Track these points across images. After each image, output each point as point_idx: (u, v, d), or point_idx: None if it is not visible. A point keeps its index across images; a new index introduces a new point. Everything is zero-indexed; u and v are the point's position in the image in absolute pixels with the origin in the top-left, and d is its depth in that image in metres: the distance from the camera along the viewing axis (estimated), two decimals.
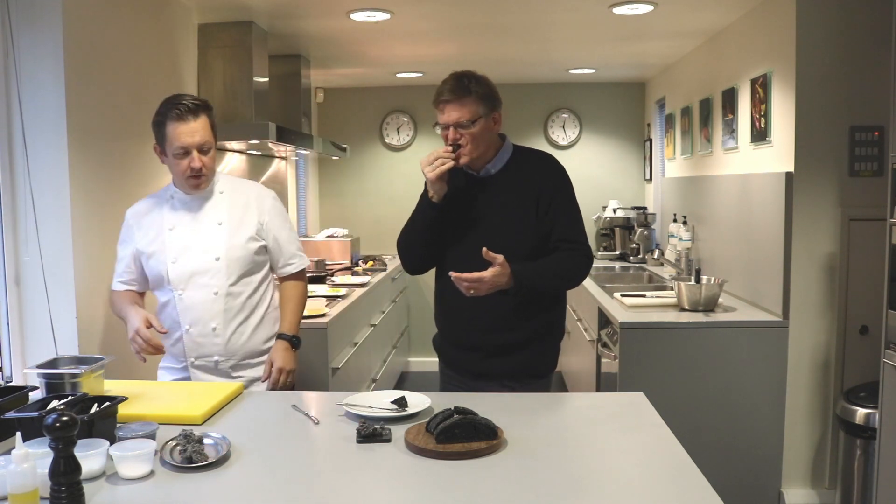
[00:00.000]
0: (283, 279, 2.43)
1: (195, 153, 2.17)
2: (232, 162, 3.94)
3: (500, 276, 2.05)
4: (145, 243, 2.27)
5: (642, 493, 1.46)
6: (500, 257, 2.05)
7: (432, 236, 2.22)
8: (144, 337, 2.08)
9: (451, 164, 2.10)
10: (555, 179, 2.23)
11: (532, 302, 2.18)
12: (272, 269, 2.41)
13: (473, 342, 2.24)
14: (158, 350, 2.12)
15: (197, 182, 2.22)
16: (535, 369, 2.27)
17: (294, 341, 2.34)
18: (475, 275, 2.04)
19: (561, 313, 2.33)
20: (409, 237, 2.28)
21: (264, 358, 2.33)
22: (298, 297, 2.42)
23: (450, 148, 2.12)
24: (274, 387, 2.26)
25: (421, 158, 2.16)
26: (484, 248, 2.04)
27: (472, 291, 2.07)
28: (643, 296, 3.65)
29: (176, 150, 2.17)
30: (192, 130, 2.16)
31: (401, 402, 1.85)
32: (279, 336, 2.34)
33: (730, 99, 3.79)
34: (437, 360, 2.42)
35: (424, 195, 2.21)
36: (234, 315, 2.27)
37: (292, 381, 2.31)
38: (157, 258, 2.25)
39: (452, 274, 2.05)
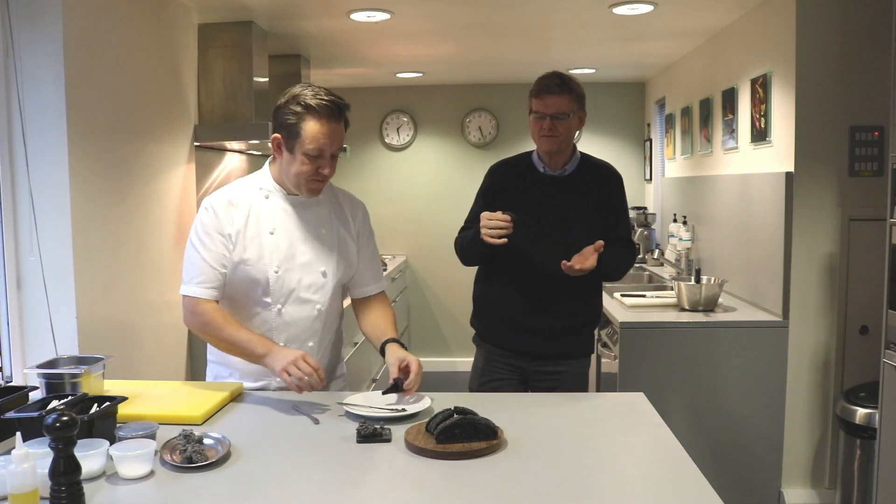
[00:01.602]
0: (362, 299, 2.21)
1: (327, 158, 1.95)
2: (232, 162, 3.94)
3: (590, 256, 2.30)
4: (241, 245, 1.98)
5: (642, 493, 1.46)
6: (601, 242, 2.29)
7: (488, 256, 2.42)
8: (314, 364, 1.83)
9: (505, 239, 2.23)
10: (619, 185, 2.56)
11: (591, 287, 2.48)
12: (347, 288, 2.20)
13: (540, 325, 2.44)
14: (318, 385, 1.84)
15: (318, 187, 2.00)
16: (583, 349, 2.54)
17: (404, 346, 2.10)
18: (590, 266, 2.26)
19: (601, 300, 2.63)
20: (467, 252, 2.47)
21: (339, 375, 2.21)
22: (392, 311, 2.21)
23: (508, 217, 2.23)
24: (410, 390, 1.92)
25: (483, 214, 2.28)
26: (600, 241, 2.28)
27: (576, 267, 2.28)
28: (643, 296, 3.65)
29: (310, 151, 1.91)
30: (334, 133, 1.93)
31: (395, 387, 1.89)
32: (391, 341, 2.05)
33: (730, 99, 3.79)
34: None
35: (478, 233, 2.29)
36: (326, 333, 2.12)
37: None
38: (256, 265, 1.98)
39: (571, 266, 2.26)
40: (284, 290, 2.01)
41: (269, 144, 2.03)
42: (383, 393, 1.92)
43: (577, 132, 2.50)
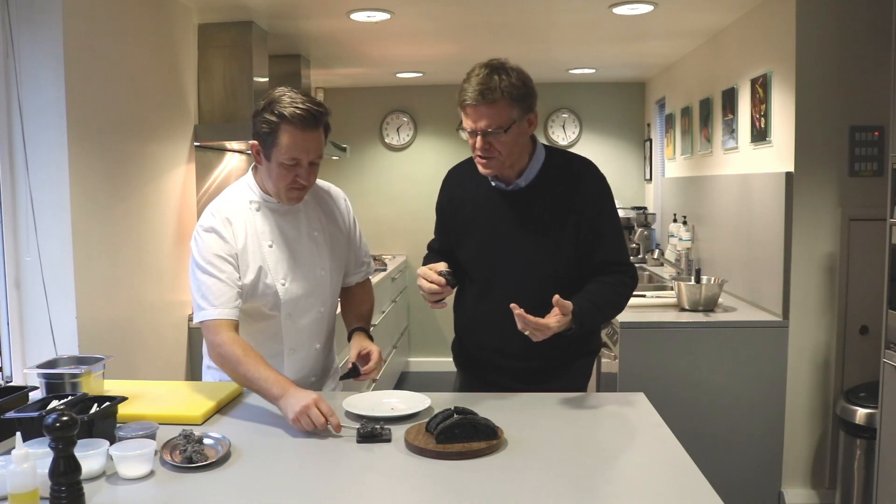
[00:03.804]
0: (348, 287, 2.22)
1: (305, 167, 1.90)
2: (232, 162, 3.94)
3: (564, 323, 1.82)
4: (245, 263, 1.95)
5: (642, 493, 1.46)
6: (567, 305, 1.81)
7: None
8: (326, 412, 1.70)
9: (445, 303, 1.95)
10: (597, 194, 1.99)
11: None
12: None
13: (514, 367, 2.07)
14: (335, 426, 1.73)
15: (299, 195, 1.96)
16: (574, 385, 2.09)
17: (370, 335, 2.13)
18: (541, 322, 1.78)
19: (598, 330, 2.22)
20: None
21: (333, 369, 2.23)
22: (371, 300, 2.22)
23: (442, 280, 1.89)
24: (367, 374, 1.98)
25: (419, 272, 1.97)
26: (556, 297, 1.79)
27: (528, 333, 1.80)
28: (643, 296, 3.65)
29: (285, 161, 1.87)
30: (310, 143, 1.87)
31: (352, 372, 1.94)
32: (359, 329, 2.09)
33: (730, 99, 3.79)
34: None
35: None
36: (328, 332, 2.13)
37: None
38: (264, 280, 1.96)
39: (517, 311, 1.76)
40: (293, 300, 2.01)
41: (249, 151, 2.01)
42: (341, 378, 1.97)
43: (530, 135, 1.96)
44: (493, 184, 2.02)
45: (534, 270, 1.98)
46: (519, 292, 1.91)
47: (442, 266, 1.94)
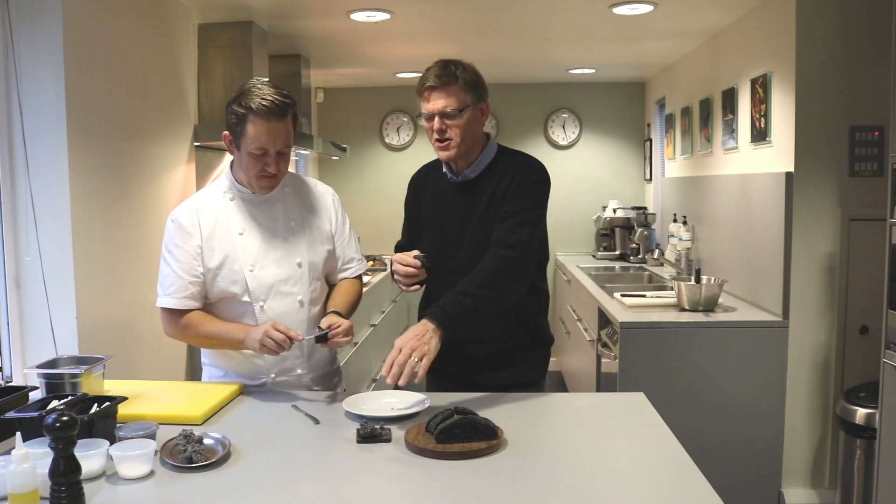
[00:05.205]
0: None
1: (273, 156, 1.97)
2: None
3: (417, 336, 1.81)
4: (211, 250, 2.03)
5: (642, 493, 1.46)
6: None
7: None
8: (283, 329, 1.89)
9: (418, 286, 2.07)
10: (529, 183, 2.08)
11: (526, 306, 2.11)
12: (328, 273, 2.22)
13: (459, 353, 2.08)
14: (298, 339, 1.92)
15: (269, 183, 2.03)
16: (525, 378, 2.16)
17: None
18: (391, 360, 1.78)
19: (544, 321, 2.23)
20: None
21: (334, 368, 2.24)
22: (356, 292, 2.21)
23: (418, 263, 2.03)
24: (335, 340, 1.97)
25: (394, 257, 2.09)
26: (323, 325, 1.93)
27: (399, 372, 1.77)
28: (643, 296, 3.65)
29: (253, 151, 1.95)
30: (276, 133, 1.94)
31: (321, 338, 1.93)
32: (333, 312, 2.05)
33: (730, 99, 3.79)
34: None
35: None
36: (313, 324, 2.11)
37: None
38: (230, 267, 2.02)
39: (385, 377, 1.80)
40: (263, 287, 2.04)
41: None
42: (316, 341, 1.97)
43: (482, 126, 2.14)
44: (448, 177, 2.18)
45: (473, 259, 2.04)
46: (461, 280, 2.01)
47: (415, 252, 2.08)
